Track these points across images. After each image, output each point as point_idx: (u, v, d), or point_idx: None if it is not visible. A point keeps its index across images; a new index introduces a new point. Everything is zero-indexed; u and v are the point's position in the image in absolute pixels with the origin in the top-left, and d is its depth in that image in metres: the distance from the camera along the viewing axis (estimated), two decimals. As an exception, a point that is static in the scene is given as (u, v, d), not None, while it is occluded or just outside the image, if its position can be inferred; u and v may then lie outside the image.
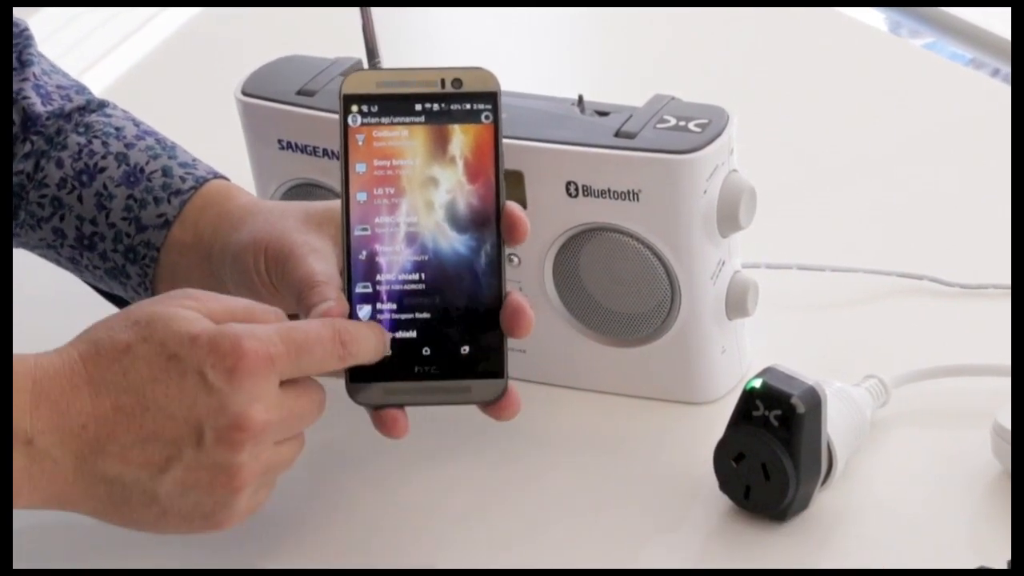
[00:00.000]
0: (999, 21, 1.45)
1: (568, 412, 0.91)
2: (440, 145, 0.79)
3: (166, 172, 0.88)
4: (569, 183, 0.87)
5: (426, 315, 0.79)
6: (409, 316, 0.79)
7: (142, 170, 0.88)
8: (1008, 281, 1.00)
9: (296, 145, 0.92)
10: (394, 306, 0.79)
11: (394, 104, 0.80)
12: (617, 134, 0.87)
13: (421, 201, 0.79)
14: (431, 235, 0.79)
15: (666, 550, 0.81)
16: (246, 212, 0.86)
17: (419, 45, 1.30)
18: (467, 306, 0.79)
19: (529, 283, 0.90)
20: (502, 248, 0.80)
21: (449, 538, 0.83)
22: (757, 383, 0.81)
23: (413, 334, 0.79)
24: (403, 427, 0.79)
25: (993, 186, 1.11)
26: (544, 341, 0.91)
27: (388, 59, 0.93)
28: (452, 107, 0.80)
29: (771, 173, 0.99)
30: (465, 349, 0.79)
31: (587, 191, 0.87)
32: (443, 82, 0.80)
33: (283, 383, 0.74)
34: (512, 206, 0.80)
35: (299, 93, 0.92)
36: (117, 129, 0.90)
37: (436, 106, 0.80)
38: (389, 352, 0.78)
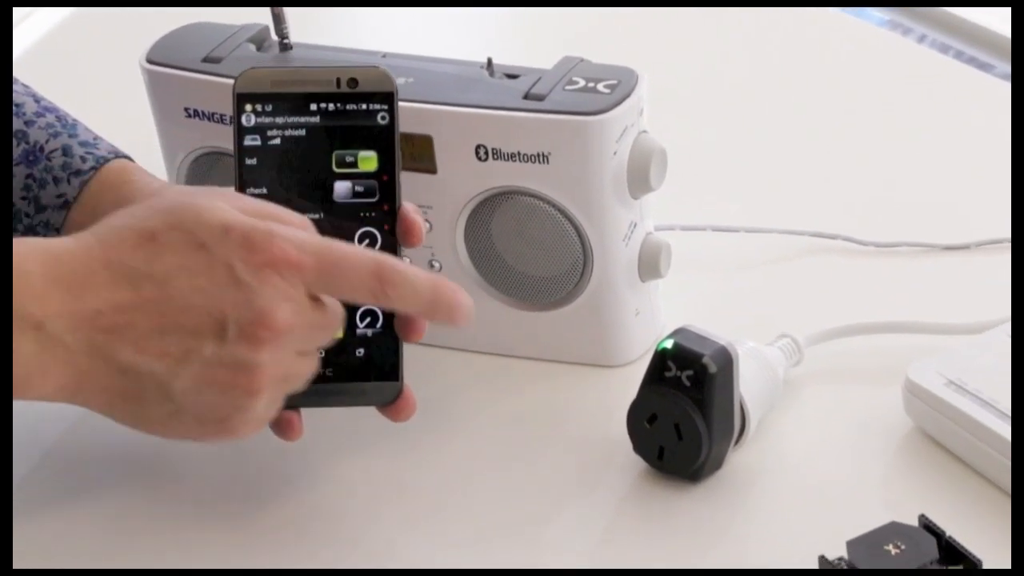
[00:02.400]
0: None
1: (481, 377, 0.91)
2: (336, 145, 0.79)
3: (66, 151, 0.86)
4: (479, 147, 0.86)
5: None
6: None
7: (42, 149, 0.87)
8: (921, 239, 1.00)
9: (203, 113, 0.91)
10: None
11: (289, 103, 0.79)
12: (526, 96, 0.86)
13: (316, 202, 0.79)
14: (326, 235, 0.78)
15: (580, 514, 0.81)
16: (143, 197, 0.84)
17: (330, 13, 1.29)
18: (363, 309, 0.79)
19: (441, 248, 0.90)
20: (398, 251, 0.79)
21: (357, 512, 0.82)
22: (669, 344, 0.81)
23: None
24: (298, 430, 0.79)
25: (905, 145, 1.12)
26: (457, 306, 0.90)
27: (291, 22, 0.92)
28: (348, 107, 0.79)
29: (684, 135, 0.99)
30: (360, 352, 0.79)
31: (497, 154, 0.86)
32: (339, 81, 0.79)
33: (310, 295, 0.72)
34: (408, 209, 0.79)
35: (205, 60, 0.91)
36: (17, 106, 0.88)
37: (331, 106, 0.79)
38: (458, 322, 0.75)
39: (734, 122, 1.15)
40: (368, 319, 0.79)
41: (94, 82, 1.16)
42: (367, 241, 0.79)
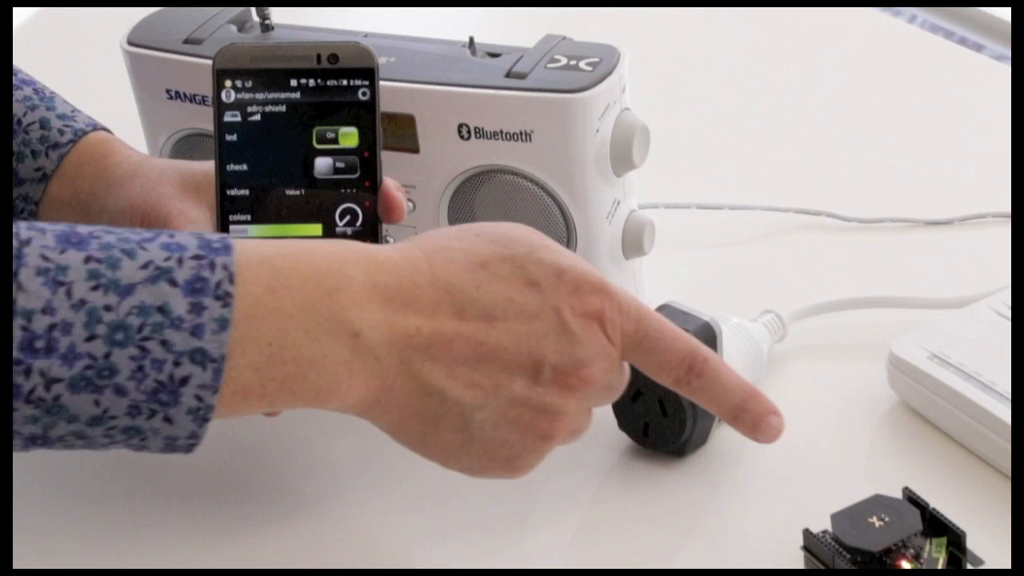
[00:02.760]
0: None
1: (468, 356, 0.91)
2: (317, 121, 0.79)
3: (44, 124, 0.86)
4: (461, 125, 0.86)
5: None
6: None
7: (19, 122, 0.86)
8: (904, 215, 1.00)
9: (184, 95, 0.91)
10: None
11: (269, 79, 0.79)
12: (508, 75, 0.86)
13: (297, 178, 0.79)
14: (307, 211, 0.79)
15: (566, 490, 0.81)
16: (123, 173, 0.84)
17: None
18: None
19: (424, 227, 0.90)
20: (380, 226, 0.79)
21: (343, 492, 0.82)
22: (652, 320, 0.81)
23: None
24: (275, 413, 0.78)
25: (888, 122, 1.12)
26: (442, 286, 0.91)
27: (273, 9, 0.92)
28: (328, 83, 0.79)
29: (667, 113, 0.99)
30: None
31: (479, 133, 0.86)
32: (319, 57, 0.79)
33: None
34: (389, 185, 0.79)
35: (186, 42, 0.90)
36: None
37: (312, 82, 0.79)
38: (768, 439, 0.73)
39: (717, 100, 1.15)
40: (347, 217, 0.79)
41: (76, 64, 1.16)
42: (348, 218, 0.79)
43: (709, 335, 0.80)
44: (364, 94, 0.79)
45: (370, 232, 0.79)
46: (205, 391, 0.65)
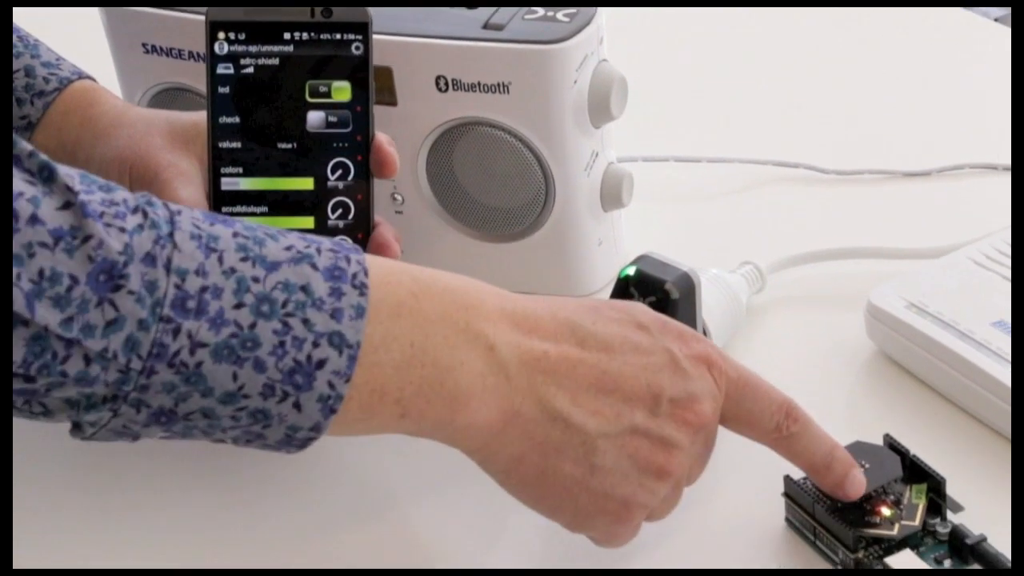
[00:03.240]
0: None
1: (447, 310, 0.91)
2: (310, 75, 0.78)
3: (28, 72, 0.86)
4: (439, 77, 0.86)
5: None
6: None
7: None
8: (882, 166, 1.00)
9: (161, 48, 0.91)
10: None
11: (262, 32, 0.78)
12: (485, 26, 0.86)
13: (289, 132, 0.78)
14: (299, 164, 0.78)
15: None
16: (109, 122, 0.84)
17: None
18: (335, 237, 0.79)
19: (403, 181, 0.89)
20: (371, 181, 0.79)
21: (332, 450, 0.82)
22: (631, 270, 0.81)
23: None
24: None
25: (867, 75, 1.12)
26: (420, 239, 0.91)
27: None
28: (322, 36, 0.78)
29: (645, 66, 0.99)
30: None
31: (457, 85, 0.86)
32: (313, 11, 0.78)
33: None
34: (381, 140, 0.79)
35: (162, -5, 0.90)
36: None
37: (305, 35, 0.78)
38: (848, 495, 0.72)
39: (695, 52, 1.15)
40: (339, 171, 0.79)
41: (49, 18, 1.15)
42: (340, 172, 0.79)
43: (688, 285, 0.80)
44: (357, 48, 0.78)
45: (362, 186, 0.79)
46: (338, 378, 0.64)
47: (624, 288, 0.81)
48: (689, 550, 0.74)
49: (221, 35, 0.78)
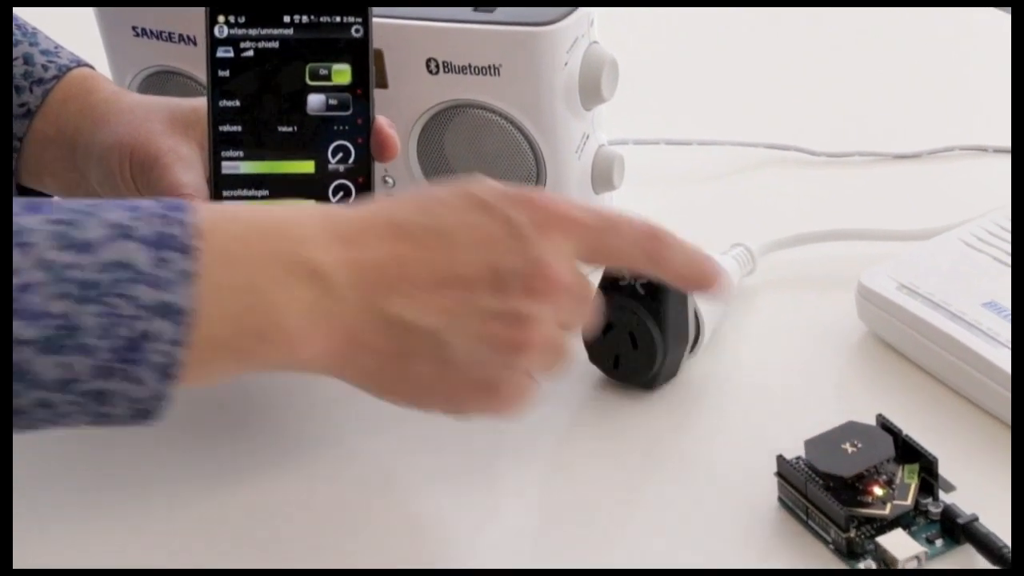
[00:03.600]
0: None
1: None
2: (310, 58, 0.78)
3: (27, 60, 0.86)
4: (430, 60, 0.86)
5: None
6: None
7: None
8: (872, 148, 1.01)
9: (151, 32, 0.90)
10: None
11: (262, 14, 0.78)
12: (476, 8, 0.86)
13: (290, 115, 0.78)
14: (300, 148, 0.78)
15: (537, 423, 0.81)
16: (109, 108, 0.84)
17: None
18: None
19: (394, 163, 0.89)
20: (372, 164, 0.79)
21: (324, 424, 0.83)
22: (622, 252, 0.81)
23: None
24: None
25: (857, 57, 1.12)
26: (411, 222, 0.90)
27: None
28: (321, 19, 0.78)
29: (636, 49, 0.99)
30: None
31: (448, 67, 0.86)
32: None
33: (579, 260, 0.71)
34: (382, 122, 0.79)
35: (152, -22, 0.90)
36: None
37: (305, 18, 0.78)
38: (715, 292, 0.74)
39: (686, 36, 1.15)
40: (340, 154, 0.79)
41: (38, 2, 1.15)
42: (340, 155, 0.79)
43: (680, 267, 0.80)
44: (357, 31, 0.78)
45: (363, 169, 0.79)
46: (173, 346, 0.64)
47: (616, 270, 0.81)
48: (681, 529, 0.74)
49: (221, 18, 0.78)
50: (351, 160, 0.79)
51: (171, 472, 0.79)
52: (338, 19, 0.78)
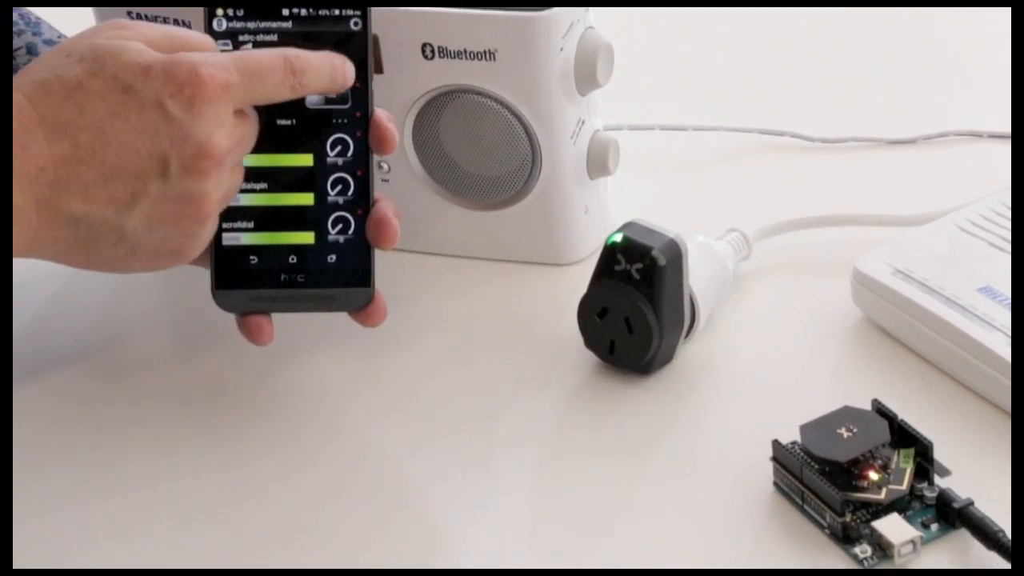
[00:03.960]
0: None
1: (433, 278, 0.91)
2: (309, 50, 0.78)
3: (31, 49, 0.86)
4: (425, 45, 0.86)
5: (293, 222, 0.79)
6: (276, 223, 0.79)
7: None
8: (867, 134, 1.01)
9: (147, 18, 0.90)
10: (260, 212, 0.78)
11: (260, 8, 0.78)
12: (471, -7, 0.86)
13: (288, 108, 0.78)
14: (298, 141, 0.78)
15: (533, 408, 0.82)
16: None
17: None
18: (335, 215, 0.79)
19: (389, 149, 0.89)
20: (370, 157, 0.79)
21: (324, 412, 0.83)
22: (618, 237, 0.81)
23: (280, 242, 0.79)
24: (268, 334, 0.79)
25: (852, 42, 1.12)
26: (406, 208, 0.90)
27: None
28: (320, 12, 0.78)
29: (631, 34, 0.99)
30: (332, 258, 0.79)
31: (443, 52, 0.86)
32: None
33: (235, 111, 0.74)
34: (381, 116, 0.79)
35: (147, -37, 0.90)
36: None
37: (304, 11, 0.78)
38: (348, 84, 0.77)
39: (681, 21, 1.15)
40: (340, 225, 0.79)
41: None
42: (339, 148, 0.79)
43: (675, 252, 0.80)
44: (356, 24, 0.78)
45: (361, 162, 0.79)
46: None
47: (611, 255, 0.81)
48: (676, 514, 0.74)
49: (219, 11, 0.78)
50: (349, 153, 0.79)
51: (171, 472, 0.79)
52: (337, 12, 0.78)
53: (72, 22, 0.94)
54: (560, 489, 0.77)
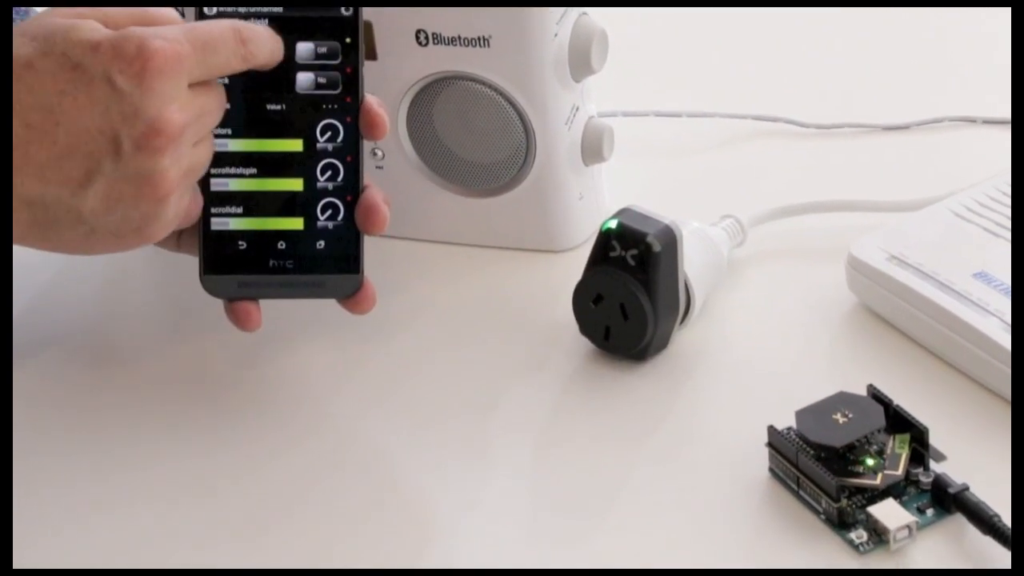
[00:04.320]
0: None
1: (427, 265, 0.91)
2: (299, 34, 0.78)
3: None
4: (419, 31, 0.86)
5: (282, 206, 0.78)
6: (265, 208, 0.78)
7: None
8: (861, 120, 1.00)
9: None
10: (249, 197, 0.78)
11: None
12: (465, -21, 0.86)
13: (278, 92, 0.78)
14: (288, 126, 0.78)
15: (528, 395, 0.82)
16: None
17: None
18: (324, 200, 0.78)
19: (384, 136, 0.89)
20: (360, 143, 0.79)
21: (314, 399, 0.83)
22: (613, 223, 0.81)
23: (269, 227, 0.78)
24: (256, 320, 0.79)
25: (846, 28, 1.12)
26: (401, 195, 0.90)
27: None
28: None
29: (625, 21, 0.99)
30: (320, 244, 0.79)
31: (437, 39, 0.86)
32: None
33: (191, 83, 0.72)
34: (371, 101, 0.79)
35: (140, -51, 0.89)
36: None
37: None
38: (279, 57, 0.77)
39: (675, 8, 1.15)
40: (329, 211, 0.79)
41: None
42: (329, 133, 0.79)
43: (670, 238, 0.80)
44: (347, 9, 0.78)
45: (351, 148, 0.78)
46: None
47: (606, 241, 0.81)
48: (671, 501, 0.74)
49: None
50: (340, 139, 0.79)
51: (170, 472, 0.79)
52: None
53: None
54: (555, 476, 0.77)
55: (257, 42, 0.75)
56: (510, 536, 0.74)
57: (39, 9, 0.91)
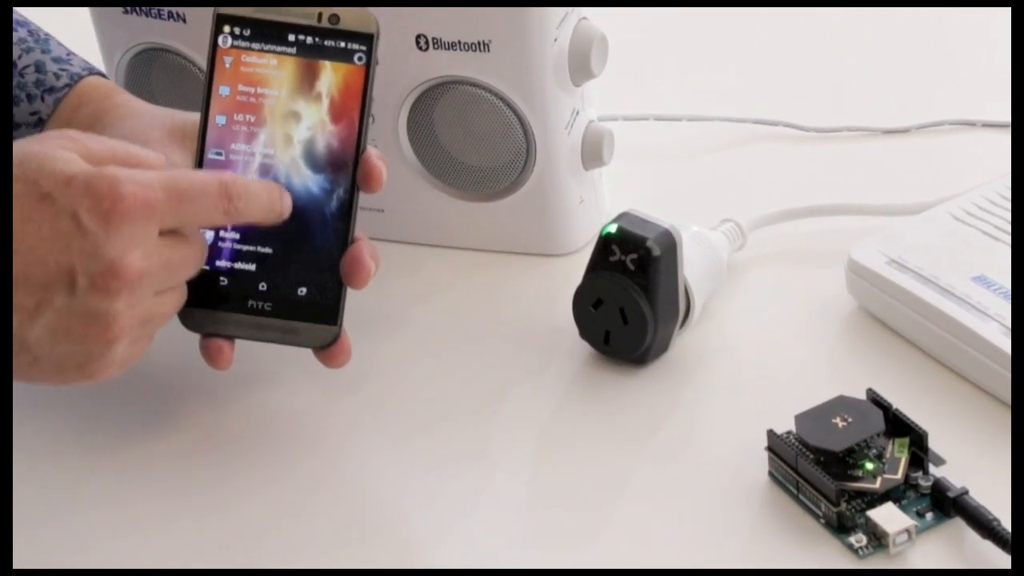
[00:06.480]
0: None
1: (427, 270, 0.91)
2: (308, 80, 0.77)
3: (39, 68, 0.85)
4: (419, 36, 0.86)
5: (268, 250, 0.77)
6: (251, 248, 0.77)
7: (14, 64, 0.85)
8: (861, 123, 1.01)
9: (140, 9, 0.90)
10: (237, 236, 0.77)
11: (267, 31, 0.77)
12: (465, -16, 0.86)
13: (280, 134, 0.77)
14: (285, 170, 0.77)
15: (528, 399, 0.82)
16: (118, 115, 0.83)
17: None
18: (311, 247, 0.78)
19: (384, 140, 0.89)
20: (355, 194, 0.78)
21: (315, 402, 0.83)
22: (613, 228, 0.81)
23: (252, 267, 0.77)
24: (227, 359, 0.78)
25: (846, 31, 1.12)
26: (401, 199, 0.91)
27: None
28: (326, 43, 0.77)
29: (625, 24, 0.99)
30: (302, 291, 0.78)
31: (437, 44, 0.86)
32: (320, 16, 0.77)
33: (163, 232, 0.71)
34: (371, 154, 0.78)
35: (140, -46, 0.90)
36: None
37: (309, 39, 0.77)
38: (284, 216, 0.76)
39: (675, 11, 1.15)
40: (316, 260, 0.78)
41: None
42: (323, 175, 0.78)
43: (670, 242, 0.81)
44: (360, 59, 0.77)
45: (347, 195, 0.77)
46: None
47: (606, 245, 0.81)
48: (671, 504, 0.75)
49: (227, 28, 0.77)
50: (338, 191, 0.78)
51: (170, 472, 0.79)
52: (343, 44, 0.77)
53: (72, 22, 0.95)
54: (556, 480, 0.77)
55: (246, 198, 0.73)
56: (509, 538, 0.74)
57: (30, 9, 0.91)
